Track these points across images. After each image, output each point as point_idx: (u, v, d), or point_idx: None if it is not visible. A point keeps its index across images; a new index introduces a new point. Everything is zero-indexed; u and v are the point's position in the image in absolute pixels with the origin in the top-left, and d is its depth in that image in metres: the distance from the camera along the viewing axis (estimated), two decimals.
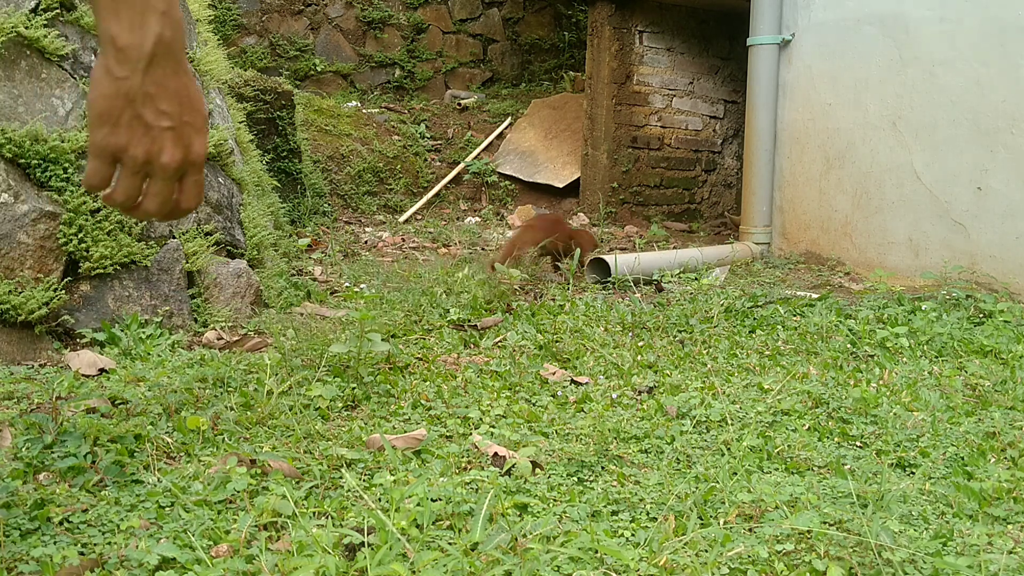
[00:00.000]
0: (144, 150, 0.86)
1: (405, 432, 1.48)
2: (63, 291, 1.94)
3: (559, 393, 1.75)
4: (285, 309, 2.37)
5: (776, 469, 1.40)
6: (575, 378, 1.85)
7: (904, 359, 2.10)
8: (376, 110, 5.41)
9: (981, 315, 2.53)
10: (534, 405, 1.68)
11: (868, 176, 3.40)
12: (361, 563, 1.00)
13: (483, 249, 3.70)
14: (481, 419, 1.57)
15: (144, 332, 1.98)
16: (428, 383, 1.77)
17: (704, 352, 2.07)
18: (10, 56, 2.00)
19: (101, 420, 1.42)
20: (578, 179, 5.01)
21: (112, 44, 0.83)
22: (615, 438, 1.48)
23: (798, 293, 2.83)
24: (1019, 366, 2.02)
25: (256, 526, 1.11)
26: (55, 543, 1.05)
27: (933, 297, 2.69)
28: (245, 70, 4.39)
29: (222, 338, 2.11)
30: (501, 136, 5.43)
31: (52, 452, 1.30)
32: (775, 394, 1.73)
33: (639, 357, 2.00)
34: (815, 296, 2.67)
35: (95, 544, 1.06)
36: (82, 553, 1.04)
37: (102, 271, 2.00)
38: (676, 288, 2.82)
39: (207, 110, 0.94)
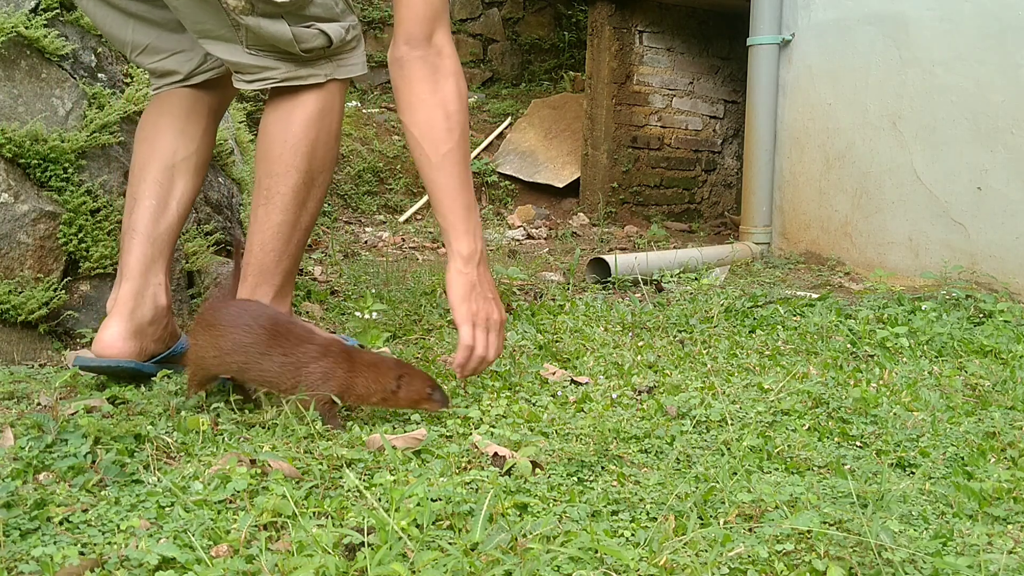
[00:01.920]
0: (486, 312, 1.54)
1: (405, 432, 1.48)
2: (63, 291, 1.94)
3: (559, 393, 1.75)
4: None
5: (776, 469, 1.40)
6: (575, 378, 1.85)
7: (904, 359, 2.10)
8: (376, 110, 5.41)
9: (981, 315, 2.53)
10: (534, 405, 1.68)
11: (868, 176, 3.40)
12: (361, 563, 1.00)
13: None
14: (481, 419, 1.57)
15: None
16: None
17: (704, 352, 2.07)
18: (10, 56, 2.00)
19: (101, 420, 1.42)
20: (578, 179, 5.01)
21: (460, 254, 1.54)
22: (615, 438, 1.48)
23: (798, 293, 2.83)
24: (1019, 366, 2.02)
25: (256, 526, 1.11)
26: (55, 543, 1.05)
27: (933, 297, 2.69)
28: None
29: None
30: (501, 136, 5.43)
31: (52, 452, 1.30)
32: (775, 394, 1.73)
33: (639, 357, 2.00)
34: (815, 296, 2.68)
35: (95, 544, 1.06)
36: (82, 553, 1.04)
37: (102, 271, 2.00)
38: (676, 288, 2.82)
39: None
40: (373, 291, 2.59)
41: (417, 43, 1.55)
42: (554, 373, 1.86)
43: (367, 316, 1.76)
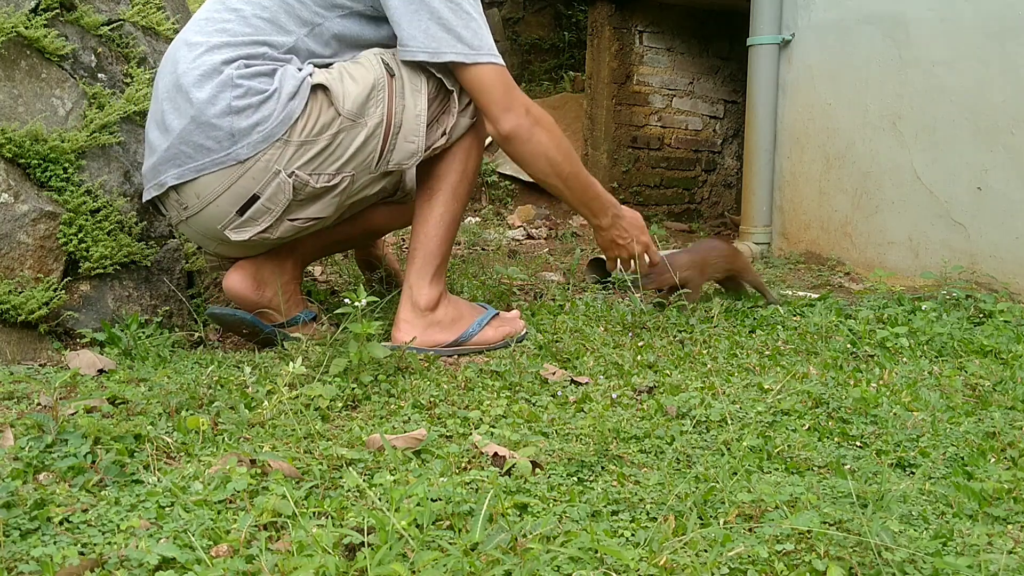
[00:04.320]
0: (627, 254, 2.24)
1: (405, 432, 1.48)
2: (63, 291, 1.94)
3: (559, 393, 1.75)
4: None
5: (776, 469, 1.40)
6: (575, 378, 1.85)
7: (904, 359, 2.10)
8: None
9: (981, 315, 2.53)
10: (534, 405, 1.68)
11: (868, 176, 3.40)
12: (361, 563, 1.00)
13: (483, 249, 3.70)
14: (481, 419, 1.57)
15: (144, 332, 1.99)
16: (429, 383, 1.77)
17: (704, 352, 2.07)
18: (10, 56, 2.00)
19: (101, 420, 1.42)
20: None
21: (596, 222, 2.16)
22: (615, 438, 1.48)
23: (798, 293, 2.83)
24: (1019, 366, 2.02)
25: (256, 526, 1.11)
26: (55, 543, 1.05)
27: (933, 297, 2.69)
28: None
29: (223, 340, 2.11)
30: None
31: (52, 452, 1.30)
32: (775, 394, 1.73)
33: (639, 357, 2.00)
34: (815, 296, 2.68)
35: (95, 544, 1.06)
36: (82, 553, 1.04)
37: (102, 271, 2.00)
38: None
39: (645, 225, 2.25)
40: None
41: (504, 121, 1.92)
42: (554, 373, 1.86)
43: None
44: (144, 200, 1.94)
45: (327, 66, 1.88)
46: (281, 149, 1.79)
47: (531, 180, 5.29)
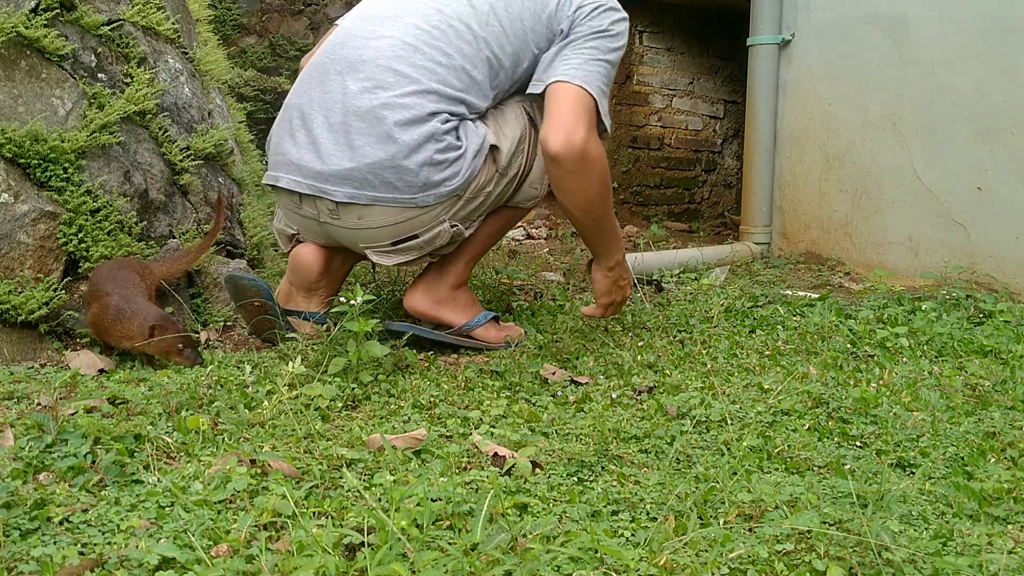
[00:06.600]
0: (621, 297, 2.12)
1: (405, 432, 1.48)
2: (63, 291, 1.94)
3: (559, 393, 1.75)
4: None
5: (776, 469, 1.40)
6: (575, 378, 1.85)
7: (904, 359, 2.10)
8: None
9: (981, 315, 2.53)
10: (534, 405, 1.68)
11: (868, 176, 3.40)
12: (361, 563, 1.00)
13: None
14: (481, 419, 1.57)
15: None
16: (429, 383, 1.77)
17: (704, 352, 2.07)
18: (10, 56, 2.00)
19: (101, 420, 1.42)
20: None
21: (607, 263, 2.05)
22: (615, 438, 1.48)
23: (798, 293, 2.83)
24: (1019, 366, 2.02)
25: (256, 526, 1.11)
26: (55, 543, 1.05)
27: (933, 297, 2.69)
28: (245, 70, 4.38)
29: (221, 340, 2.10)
30: None
31: (52, 452, 1.30)
32: (775, 394, 1.73)
33: (639, 357, 2.00)
34: (815, 296, 2.67)
35: (95, 544, 1.06)
36: (82, 553, 1.04)
37: None
38: (676, 288, 2.82)
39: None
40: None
41: (557, 140, 1.86)
42: (554, 373, 1.86)
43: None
44: (278, 185, 1.95)
45: (481, 115, 1.97)
46: (455, 202, 1.91)
47: None
